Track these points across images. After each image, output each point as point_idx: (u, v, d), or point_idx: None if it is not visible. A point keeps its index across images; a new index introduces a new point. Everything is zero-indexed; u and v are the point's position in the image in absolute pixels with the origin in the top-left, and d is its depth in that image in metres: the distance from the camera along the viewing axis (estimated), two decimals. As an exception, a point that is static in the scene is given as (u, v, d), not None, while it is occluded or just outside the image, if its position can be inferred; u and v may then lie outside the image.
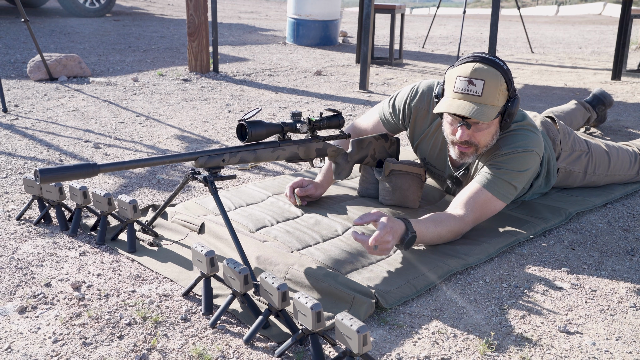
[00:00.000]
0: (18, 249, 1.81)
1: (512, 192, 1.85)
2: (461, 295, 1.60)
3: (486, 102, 1.72)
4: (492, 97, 1.72)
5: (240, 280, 1.42)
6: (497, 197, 1.83)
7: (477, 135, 1.79)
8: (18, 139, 2.91)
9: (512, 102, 1.77)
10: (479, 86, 1.71)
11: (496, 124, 1.80)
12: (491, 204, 1.84)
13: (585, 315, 1.52)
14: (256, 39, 7.07)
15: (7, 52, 5.26)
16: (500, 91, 1.73)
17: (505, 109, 1.77)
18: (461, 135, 1.77)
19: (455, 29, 9.33)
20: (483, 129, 1.78)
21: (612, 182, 2.39)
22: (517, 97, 1.79)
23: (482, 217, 1.86)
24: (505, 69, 1.75)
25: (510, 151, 1.83)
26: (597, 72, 5.55)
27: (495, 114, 1.74)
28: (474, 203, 1.82)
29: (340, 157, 2.01)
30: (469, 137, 1.79)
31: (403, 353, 1.36)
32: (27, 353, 1.32)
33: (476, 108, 1.71)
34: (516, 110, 1.80)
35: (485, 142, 1.82)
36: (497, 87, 1.72)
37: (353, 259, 1.72)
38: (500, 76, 1.73)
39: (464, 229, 1.83)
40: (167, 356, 1.32)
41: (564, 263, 1.80)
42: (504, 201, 1.85)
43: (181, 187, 1.84)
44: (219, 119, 3.46)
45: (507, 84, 1.75)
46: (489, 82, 1.71)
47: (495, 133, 1.82)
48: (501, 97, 1.75)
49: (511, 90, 1.76)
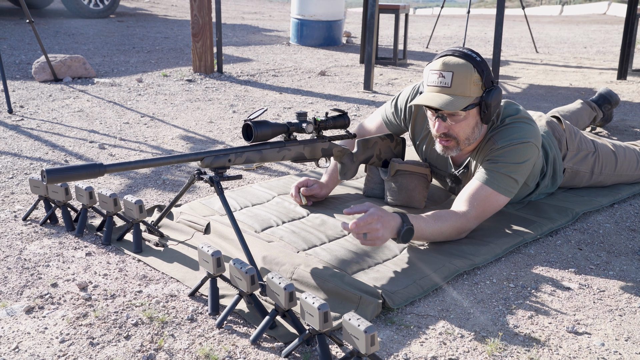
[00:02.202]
0: (25, 249, 1.81)
1: (513, 185, 1.83)
2: (468, 296, 1.60)
3: (456, 93, 1.73)
4: (463, 87, 1.73)
5: (247, 280, 1.42)
6: (498, 191, 1.82)
7: (454, 127, 1.79)
8: (23, 140, 2.92)
9: (488, 92, 1.75)
10: (447, 78, 1.73)
11: (474, 116, 1.79)
12: (493, 199, 1.82)
13: (594, 316, 1.52)
14: (260, 40, 7.07)
15: (12, 53, 5.28)
16: (471, 82, 1.73)
17: (481, 100, 1.76)
18: (437, 127, 1.80)
19: (459, 29, 9.31)
20: (459, 121, 1.78)
21: (619, 182, 2.37)
22: (496, 88, 1.77)
23: (485, 213, 1.84)
24: (477, 61, 1.74)
25: (505, 144, 1.82)
26: (603, 71, 5.53)
27: (466, 104, 1.74)
28: (475, 200, 1.81)
29: (346, 157, 2.00)
30: (446, 129, 1.80)
31: (410, 353, 1.35)
32: (34, 353, 1.32)
33: (444, 98, 1.73)
34: (495, 101, 1.77)
35: (464, 135, 1.81)
36: (467, 77, 1.73)
37: (359, 259, 1.72)
38: (471, 67, 1.73)
39: (467, 225, 1.82)
40: (174, 356, 1.32)
41: (571, 263, 1.79)
42: (506, 195, 1.84)
43: (187, 188, 1.84)
44: (223, 119, 3.46)
45: (481, 75, 1.74)
46: (458, 73, 1.73)
47: (475, 125, 1.81)
48: (473, 88, 1.74)
49: (486, 81, 1.75)
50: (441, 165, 2.09)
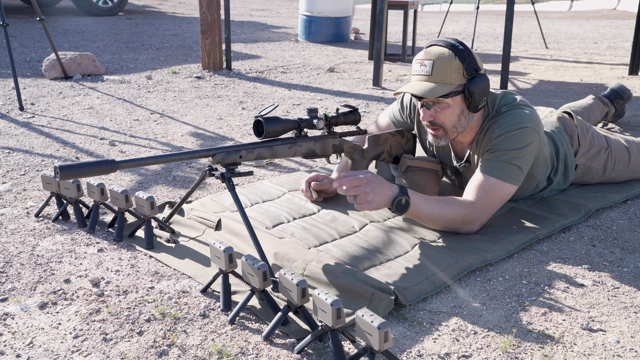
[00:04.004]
0: (37, 245, 1.82)
1: (516, 172, 1.82)
2: (481, 292, 1.59)
3: (436, 81, 1.75)
4: (443, 75, 1.74)
5: (259, 276, 1.42)
6: (502, 180, 1.81)
7: (439, 115, 1.81)
8: (35, 137, 2.93)
9: (471, 80, 1.75)
10: (428, 66, 1.75)
11: (459, 104, 1.79)
12: (498, 188, 1.81)
13: (608, 313, 1.50)
14: (268, 37, 7.07)
15: (23, 51, 5.30)
16: (452, 69, 1.74)
17: (464, 88, 1.76)
18: (423, 116, 1.82)
19: (467, 25, 9.26)
20: (444, 109, 1.79)
21: (631, 178, 2.35)
22: (480, 76, 1.76)
23: (492, 203, 1.83)
24: (459, 49, 1.75)
25: (503, 132, 1.82)
26: (614, 67, 5.48)
27: (446, 91, 1.75)
28: (480, 190, 1.81)
29: (357, 154, 2.00)
30: (431, 117, 1.82)
31: (423, 350, 1.35)
32: (48, 348, 1.33)
33: (425, 86, 1.75)
34: (479, 88, 1.76)
35: (450, 123, 1.82)
36: (447, 65, 1.74)
37: (371, 255, 1.71)
38: (452, 55, 1.74)
39: (474, 215, 1.81)
40: (187, 352, 1.32)
41: (584, 260, 1.78)
42: (511, 183, 1.82)
43: (198, 184, 1.84)
44: (232, 116, 3.46)
45: (463, 63, 1.75)
46: (438, 61, 1.75)
47: (460, 113, 1.81)
48: (455, 75, 1.75)
49: (469, 69, 1.75)
50: (445, 158, 2.09)
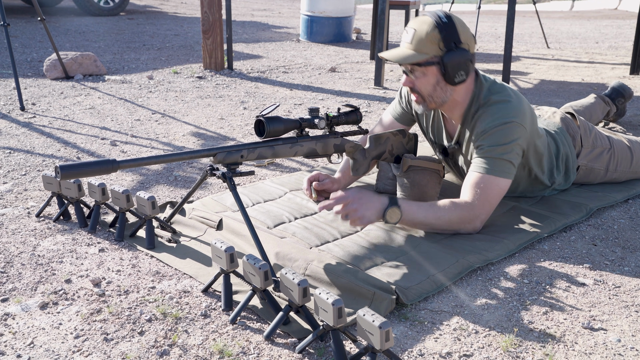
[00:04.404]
0: (38, 245, 1.82)
1: (508, 166, 1.83)
2: (482, 291, 1.59)
3: (413, 49, 1.80)
4: (421, 44, 1.78)
5: (261, 276, 1.42)
6: (495, 175, 1.82)
7: (417, 83, 1.86)
8: (36, 137, 2.93)
9: (447, 53, 1.77)
10: (410, 34, 1.80)
11: (434, 74, 1.82)
12: (492, 184, 1.82)
13: (610, 312, 1.50)
14: (270, 37, 7.07)
15: (24, 51, 5.31)
16: (429, 40, 1.77)
17: (441, 60, 1.78)
18: (403, 81, 1.89)
19: (469, 25, 9.25)
20: (419, 77, 1.84)
21: (633, 179, 2.35)
22: (459, 50, 1.77)
23: (489, 200, 1.83)
24: (442, 21, 1.77)
25: (488, 128, 1.84)
26: (615, 66, 5.47)
27: (419, 60, 1.78)
28: (475, 188, 1.82)
29: (358, 153, 2.00)
30: (411, 83, 1.87)
31: (425, 349, 1.35)
32: (49, 348, 1.33)
33: (402, 52, 1.81)
34: (454, 62, 1.78)
35: (426, 91, 1.86)
36: (426, 35, 1.77)
37: (372, 255, 1.71)
38: (433, 26, 1.77)
39: (473, 213, 1.81)
40: (188, 352, 1.32)
41: (585, 259, 1.77)
42: (504, 177, 1.83)
43: (199, 184, 1.84)
44: (234, 116, 3.46)
45: (442, 35, 1.77)
46: (418, 30, 1.79)
47: (436, 84, 1.84)
48: (432, 46, 1.77)
49: (446, 41, 1.77)
50: (438, 136, 2.13)
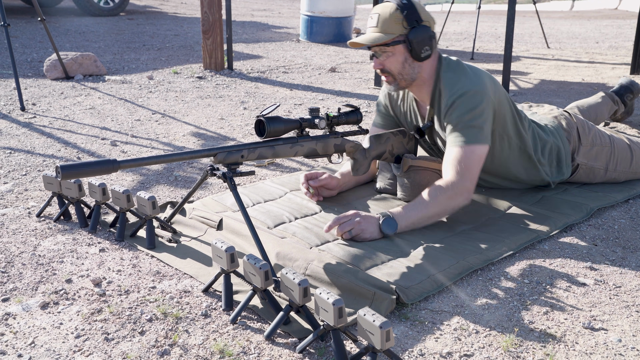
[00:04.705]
0: (39, 245, 1.82)
1: (479, 132, 1.89)
2: (482, 291, 1.59)
3: (380, 31, 1.89)
4: (386, 26, 1.88)
5: (261, 276, 1.42)
6: (469, 144, 1.88)
7: (386, 63, 1.94)
8: (36, 137, 2.93)
9: (411, 30, 1.88)
10: (375, 18, 1.91)
11: (402, 53, 1.92)
12: (469, 152, 1.88)
13: (610, 312, 1.50)
14: (270, 37, 7.07)
15: (24, 51, 5.31)
16: (393, 20, 1.88)
17: (406, 38, 1.89)
18: (374, 64, 1.97)
19: (469, 25, 9.26)
20: (388, 57, 1.92)
21: (632, 179, 2.35)
22: (421, 26, 1.89)
23: (471, 169, 1.88)
24: (403, 2, 1.88)
25: (450, 102, 1.92)
26: (616, 66, 5.47)
27: (387, 39, 1.88)
28: (454, 162, 1.88)
29: (358, 153, 2.00)
30: (380, 65, 1.95)
31: (425, 349, 1.35)
32: (50, 348, 1.33)
33: (370, 35, 1.91)
34: (419, 38, 1.88)
35: (396, 70, 1.94)
36: (390, 16, 1.88)
37: (372, 254, 1.71)
38: (395, 7, 1.88)
39: (458, 187, 1.86)
40: (189, 352, 1.32)
41: (586, 259, 1.78)
42: (479, 143, 1.88)
43: (200, 184, 1.84)
44: (234, 116, 3.46)
45: (404, 14, 1.87)
46: (382, 13, 1.89)
47: (404, 61, 1.93)
48: (396, 26, 1.88)
49: (409, 20, 1.88)
50: (415, 120, 2.17)
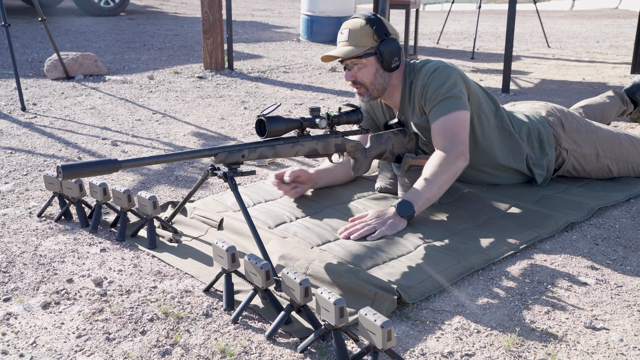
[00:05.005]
0: (40, 245, 1.82)
1: (457, 100, 1.97)
2: (484, 291, 1.59)
3: (351, 45, 1.99)
4: (357, 39, 1.98)
5: (262, 275, 1.42)
6: (451, 112, 1.96)
7: (358, 74, 2.02)
8: (37, 137, 2.94)
9: (381, 42, 1.99)
10: (345, 34, 2.01)
11: (373, 64, 2.01)
12: (453, 118, 1.96)
13: (612, 311, 1.50)
14: (270, 36, 7.07)
15: (25, 51, 5.31)
16: (364, 34, 1.98)
17: (377, 49, 1.99)
18: (346, 76, 2.05)
19: (469, 24, 9.26)
20: (361, 69, 2.01)
21: (630, 174, 2.35)
22: (390, 39, 2.00)
23: (459, 134, 1.95)
24: (371, 18, 2.00)
25: (424, 82, 2.02)
26: (616, 66, 5.47)
27: (360, 52, 1.97)
28: (442, 132, 1.96)
29: (359, 153, 2.00)
30: (352, 77, 2.03)
31: (426, 349, 1.35)
32: (51, 348, 1.33)
33: (342, 49, 2.00)
34: (389, 49, 1.99)
35: (369, 80, 2.03)
36: (360, 30, 1.98)
37: (373, 254, 1.71)
38: (364, 22, 1.99)
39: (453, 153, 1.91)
40: (190, 352, 1.32)
41: (587, 258, 1.77)
42: (460, 109, 1.96)
43: (201, 184, 1.84)
44: (235, 115, 3.46)
45: (373, 28, 1.98)
46: (352, 28, 1.99)
47: (376, 72, 2.03)
48: (367, 39, 1.98)
49: (378, 33, 1.99)
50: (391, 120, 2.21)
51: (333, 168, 2.20)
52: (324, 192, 2.19)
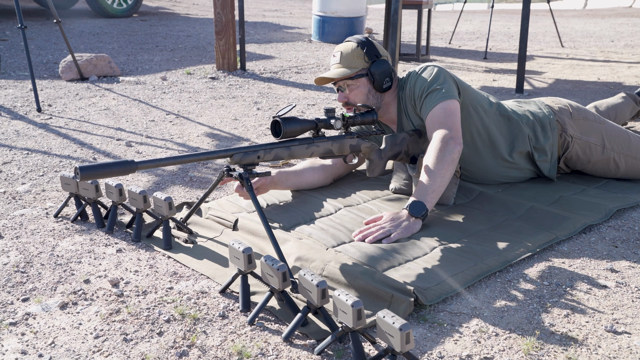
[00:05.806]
0: (57, 245, 1.83)
1: (444, 92, 1.99)
2: (501, 293, 1.57)
3: (343, 66, 2.05)
4: (349, 61, 2.05)
5: (279, 277, 1.41)
6: (439, 102, 1.97)
7: (351, 96, 2.07)
8: (52, 138, 2.96)
9: (372, 64, 2.05)
10: (337, 56, 2.07)
11: (365, 85, 2.06)
12: (443, 109, 1.97)
13: (633, 315, 1.48)
14: (282, 37, 7.07)
15: (39, 53, 5.35)
16: (355, 56, 2.04)
17: (368, 71, 2.04)
18: (338, 97, 2.09)
19: (481, 24, 9.20)
20: (353, 90, 2.06)
21: (636, 169, 2.32)
22: (380, 60, 2.05)
23: (451, 122, 1.95)
24: (361, 40, 2.07)
25: (413, 84, 2.06)
26: (632, 65, 5.41)
27: (352, 73, 2.03)
28: (436, 124, 1.96)
29: (374, 154, 1.99)
30: (345, 98, 2.08)
31: (444, 352, 1.33)
32: (70, 348, 1.33)
33: (334, 71, 2.05)
34: (380, 70, 2.04)
35: (361, 101, 2.07)
36: (352, 52, 2.05)
37: (389, 255, 1.70)
38: (355, 45, 2.06)
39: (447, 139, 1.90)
40: (207, 353, 1.32)
41: (607, 261, 1.75)
42: (447, 99, 1.98)
43: (216, 184, 1.84)
44: (248, 116, 3.46)
45: (365, 50, 2.04)
46: (344, 51, 2.06)
47: (368, 92, 2.07)
48: (357, 61, 2.04)
49: (369, 55, 2.05)
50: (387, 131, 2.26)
51: (301, 172, 2.17)
52: (338, 194, 2.18)
